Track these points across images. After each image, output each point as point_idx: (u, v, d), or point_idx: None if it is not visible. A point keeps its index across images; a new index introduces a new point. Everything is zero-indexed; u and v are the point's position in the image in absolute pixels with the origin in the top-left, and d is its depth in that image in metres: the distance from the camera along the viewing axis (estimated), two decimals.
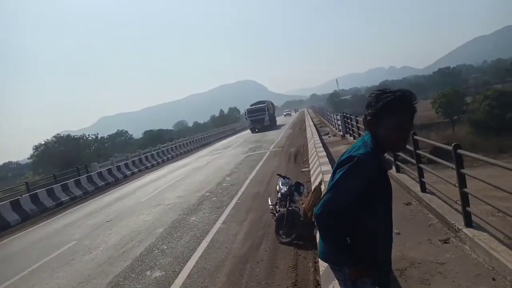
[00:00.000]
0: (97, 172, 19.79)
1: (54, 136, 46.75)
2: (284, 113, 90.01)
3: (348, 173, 1.75)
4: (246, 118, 41.21)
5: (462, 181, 4.24)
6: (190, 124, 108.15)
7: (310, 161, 11.85)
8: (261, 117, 39.00)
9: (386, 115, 1.73)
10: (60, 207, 15.06)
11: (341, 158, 1.86)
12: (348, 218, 1.81)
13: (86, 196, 16.79)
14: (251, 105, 42.28)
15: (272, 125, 41.35)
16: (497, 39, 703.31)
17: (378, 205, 1.84)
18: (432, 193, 5.72)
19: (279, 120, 56.91)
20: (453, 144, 4.25)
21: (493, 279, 3.40)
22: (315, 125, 26.23)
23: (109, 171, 20.59)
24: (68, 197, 16.17)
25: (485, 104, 38.22)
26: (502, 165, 3.66)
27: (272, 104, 48.22)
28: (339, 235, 1.82)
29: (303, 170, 11.57)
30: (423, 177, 5.91)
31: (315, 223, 1.88)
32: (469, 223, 4.25)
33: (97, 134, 51.21)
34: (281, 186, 6.48)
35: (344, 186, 1.76)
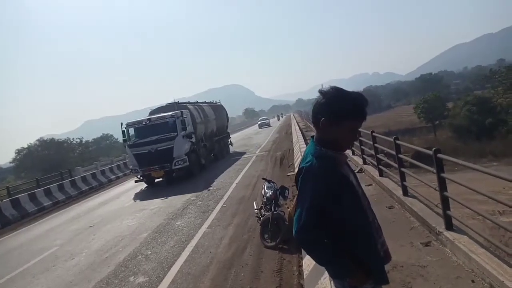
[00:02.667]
0: (81, 177, 19.43)
1: (38, 140, 45.74)
2: (259, 122, 56.46)
3: (305, 186, 1.78)
4: (126, 147, 15.66)
5: (442, 185, 4.33)
6: None
7: (295, 165, 11.91)
8: (162, 147, 14.54)
9: (344, 117, 1.76)
10: (42, 212, 14.71)
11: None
12: (327, 226, 1.78)
13: (69, 200, 16.45)
14: (151, 113, 17.34)
15: (208, 162, 17.91)
16: (476, 47, 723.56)
17: (349, 201, 1.81)
18: (414, 197, 5.82)
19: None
20: (433, 149, 4.34)
21: (473, 281, 3.47)
22: (301, 130, 26.39)
23: (93, 175, 20.25)
24: (51, 202, 15.81)
25: (466, 110, 39.13)
26: (480, 169, 3.76)
27: (217, 109, 22.05)
28: (324, 247, 1.78)
29: (289, 174, 11.63)
30: (405, 181, 6.01)
31: (299, 244, 1.88)
32: (449, 226, 4.33)
33: (82, 138, 50.29)
34: (266, 190, 6.50)
35: (307, 199, 1.76)
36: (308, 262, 4.38)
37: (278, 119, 74.38)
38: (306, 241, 1.81)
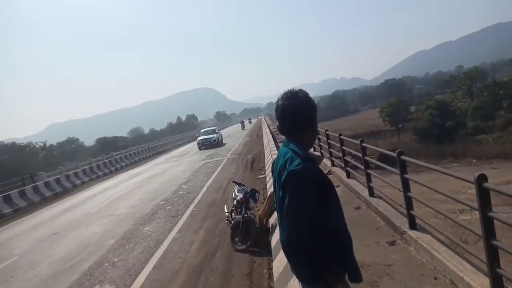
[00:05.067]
0: (44, 182, 18.56)
1: None
2: (198, 139, 28.78)
3: (296, 190, 1.71)
4: None
5: (406, 185, 4.48)
6: (146, 131, 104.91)
7: (266, 168, 11.97)
8: None
9: (314, 116, 1.90)
10: (2, 219, 13.91)
11: (282, 176, 1.79)
12: (314, 231, 1.73)
13: (31, 207, 15.65)
14: None
15: None
16: (437, 53, 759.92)
17: (333, 202, 1.84)
18: (379, 197, 5.99)
19: None
20: (397, 151, 4.49)
21: (435, 278, 3.61)
22: (271, 133, 26.55)
23: (57, 180, 19.42)
24: (11, 209, 14.98)
25: (428, 113, 40.91)
26: (440, 170, 3.91)
27: None
28: (315, 252, 1.71)
29: (260, 177, 11.66)
30: (371, 182, 6.17)
31: (286, 252, 1.75)
32: (413, 225, 4.48)
33: (45, 141, 48.15)
34: (237, 193, 6.48)
35: (299, 204, 1.71)
36: (278, 265, 4.40)
37: (243, 127, 48.66)
38: (304, 248, 1.68)
